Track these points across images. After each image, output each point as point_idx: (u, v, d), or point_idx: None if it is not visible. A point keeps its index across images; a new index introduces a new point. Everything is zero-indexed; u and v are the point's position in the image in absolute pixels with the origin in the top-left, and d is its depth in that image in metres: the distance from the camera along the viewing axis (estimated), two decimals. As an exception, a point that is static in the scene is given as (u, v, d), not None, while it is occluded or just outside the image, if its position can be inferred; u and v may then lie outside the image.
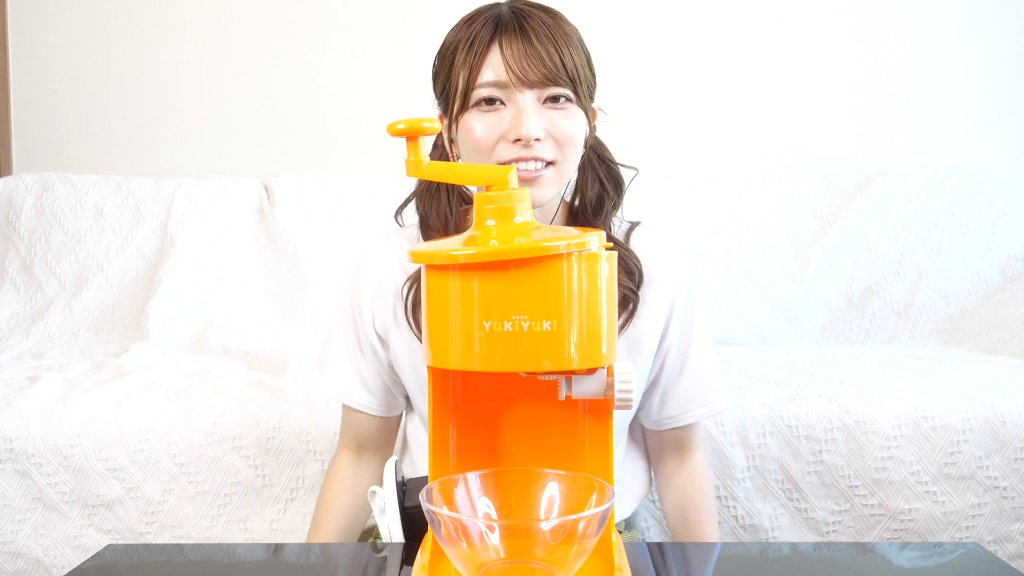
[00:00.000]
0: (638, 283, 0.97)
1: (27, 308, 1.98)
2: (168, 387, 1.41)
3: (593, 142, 1.01)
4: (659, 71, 2.28)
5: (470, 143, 0.91)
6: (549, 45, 0.89)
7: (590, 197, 0.99)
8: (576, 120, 0.91)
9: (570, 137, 0.91)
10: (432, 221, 0.99)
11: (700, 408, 1.04)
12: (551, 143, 0.90)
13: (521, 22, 0.90)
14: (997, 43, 2.29)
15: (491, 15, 0.92)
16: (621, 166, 1.03)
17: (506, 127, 0.89)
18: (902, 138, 2.29)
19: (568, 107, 0.91)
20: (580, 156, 0.95)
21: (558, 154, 0.91)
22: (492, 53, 0.89)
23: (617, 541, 0.73)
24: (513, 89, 0.89)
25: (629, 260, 0.98)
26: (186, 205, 2.07)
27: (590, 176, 1.00)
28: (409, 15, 2.30)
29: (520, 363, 0.61)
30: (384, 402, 1.05)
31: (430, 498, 0.64)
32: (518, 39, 0.89)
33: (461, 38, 0.92)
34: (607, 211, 1.00)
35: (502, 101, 0.90)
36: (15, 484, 1.30)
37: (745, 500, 1.30)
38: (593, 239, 0.62)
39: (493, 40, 0.89)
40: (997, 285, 1.96)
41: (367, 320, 1.01)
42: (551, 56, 0.88)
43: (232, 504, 1.32)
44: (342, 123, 2.31)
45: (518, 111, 0.88)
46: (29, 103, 2.35)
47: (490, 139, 0.90)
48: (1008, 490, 1.28)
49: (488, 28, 0.90)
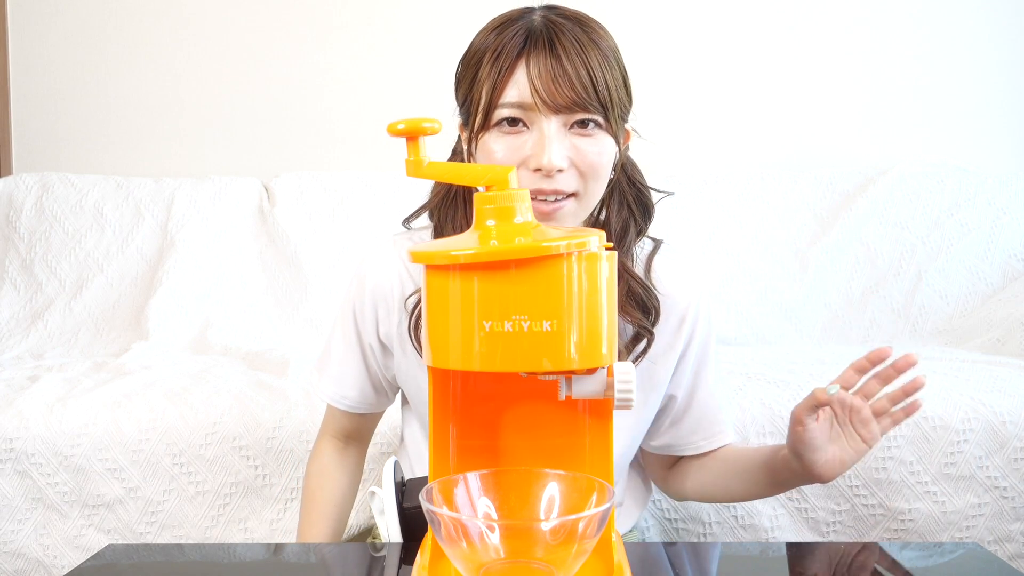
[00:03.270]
0: (653, 321, 0.92)
1: (27, 308, 1.98)
2: (168, 387, 1.41)
3: (625, 161, 0.95)
4: (659, 71, 2.28)
5: (489, 163, 0.85)
6: (580, 66, 0.82)
7: (615, 224, 0.93)
8: (603, 148, 0.85)
9: (595, 168, 0.85)
10: (447, 231, 0.94)
11: (703, 441, 1.02)
12: (574, 173, 0.84)
13: (552, 37, 0.83)
14: (997, 43, 2.28)
15: (522, 25, 0.85)
16: (654, 190, 0.97)
17: (527, 153, 0.83)
18: (902, 138, 2.29)
19: (596, 134, 0.84)
20: (605, 186, 0.89)
21: (580, 186, 0.85)
22: (518, 71, 0.83)
23: (617, 541, 0.73)
24: (538, 112, 0.82)
25: (648, 299, 0.92)
26: (186, 205, 2.07)
27: (617, 200, 0.94)
28: (409, 15, 2.30)
29: (520, 363, 0.61)
30: (377, 403, 1.05)
31: (430, 498, 0.64)
32: (547, 58, 0.82)
33: (488, 47, 0.85)
34: (631, 239, 0.94)
35: (525, 123, 0.84)
36: (15, 484, 1.30)
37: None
38: (593, 239, 0.62)
39: (520, 56, 0.83)
40: (997, 285, 1.96)
41: (368, 326, 0.99)
42: (581, 79, 0.81)
43: (232, 504, 1.32)
44: (342, 123, 2.31)
45: (541, 138, 0.82)
46: (29, 103, 2.35)
47: (509, 164, 0.82)
48: (1008, 490, 1.28)
49: (517, 41, 0.83)
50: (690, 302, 0.97)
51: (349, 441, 1.08)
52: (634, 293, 0.92)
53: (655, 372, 0.97)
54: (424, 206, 0.99)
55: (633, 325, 0.92)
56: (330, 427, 1.07)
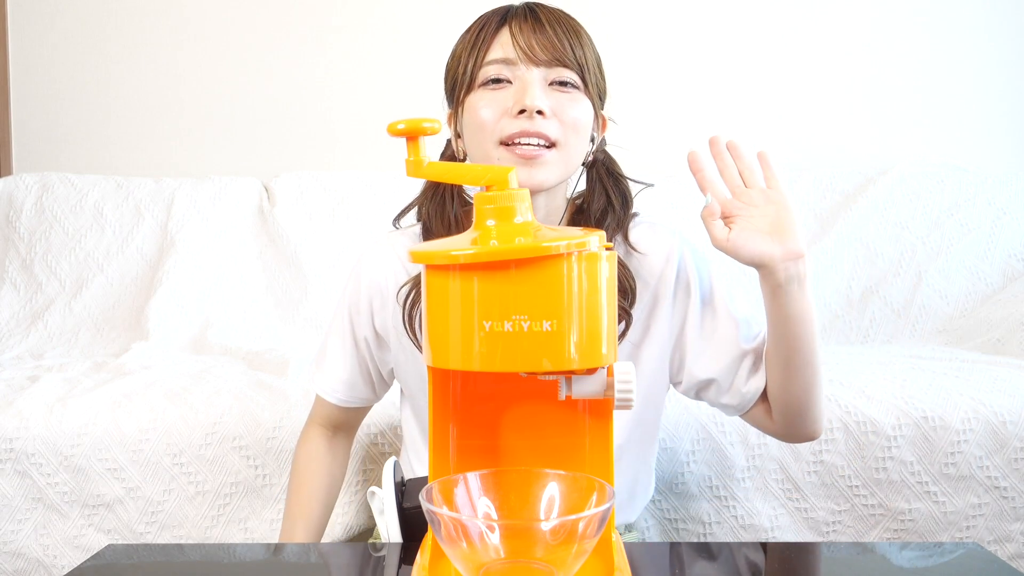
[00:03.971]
0: (631, 302, 0.94)
1: (27, 308, 1.98)
2: (168, 387, 1.41)
3: (602, 156, 0.99)
4: (659, 71, 2.28)
5: (474, 122, 0.90)
6: (559, 31, 0.89)
7: (595, 210, 0.97)
8: (583, 107, 0.90)
9: (575, 121, 0.89)
10: (435, 226, 0.97)
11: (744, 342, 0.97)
12: (556, 122, 0.89)
13: (533, 10, 0.91)
14: (997, 43, 2.29)
15: (502, 8, 0.93)
16: (632, 181, 1.00)
17: (510, 102, 0.88)
18: (902, 138, 2.29)
19: (575, 93, 0.90)
20: (584, 148, 0.93)
21: (561, 135, 0.89)
22: (501, 34, 0.90)
23: (617, 541, 0.73)
24: (520, 66, 0.88)
25: (624, 278, 0.94)
26: (186, 205, 2.07)
27: (597, 190, 0.97)
28: (409, 15, 2.30)
29: (520, 363, 0.61)
30: (366, 399, 1.08)
31: (430, 498, 0.64)
32: (528, 22, 0.90)
33: (472, 30, 0.93)
34: (609, 225, 0.97)
35: (509, 80, 0.89)
36: (15, 484, 1.30)
37: (745, 500, 1.30)
38: (593, 239, 0.62)
39: (503, 24, 0.90)
40: (997, 285, 1.96)
41: (364, 320, 1.01)
42: (560, 39, 0.89)
43: (232, 504, 1.32)
44: (342, 123, 2.31)
45: (523, 84, 0.88)
46: (29, 103, 2.35)
47: (494, 114, 0.88)
48: (1008, 490, 1.28)
49: (498, 15, 0.92)
50: (670, 250, 0.97)
51: (337, 431, 1.11)
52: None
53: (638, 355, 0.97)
54: (411, 204, 1.02)
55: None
56: (319, 416, 1.11)
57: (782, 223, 0.88)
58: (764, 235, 0.87)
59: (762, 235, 0.87)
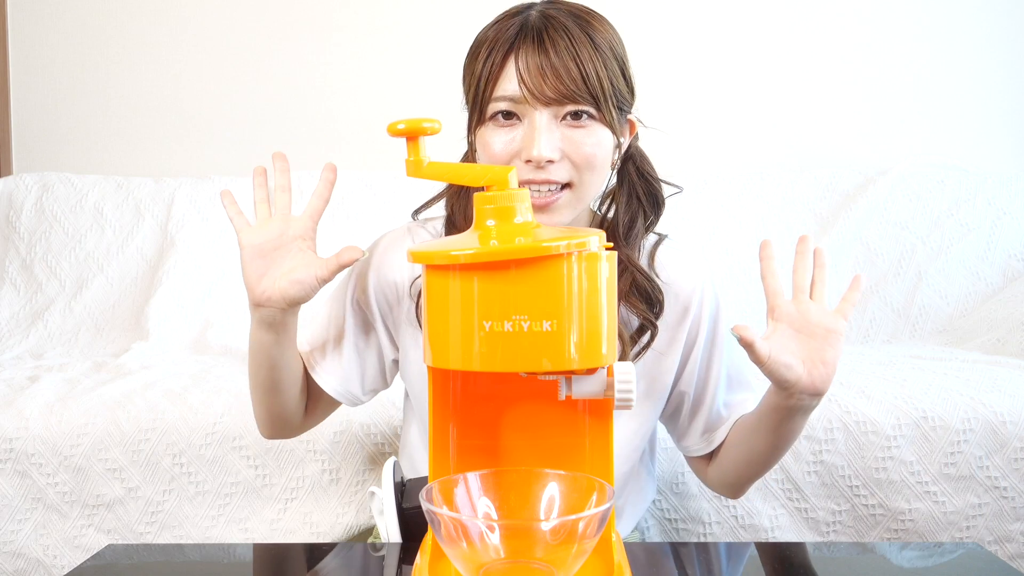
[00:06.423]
0: (657, 313, 0.92)
1: (27, 308, 1.98)
2: (168, 387, 1.41)
3: (634, 152, 0.95)
4: (659, 71, 2.28)
5: (486, 158, 0.87)
6: (569, 59, 0.82)
7: (623, 216, 0.93)
8: (598, 139, 0.85)
9: (589, 159, 0.85)
10: (458, 220, 0.95)
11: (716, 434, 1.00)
12: (567, 164, 0.85)
13: (543, 32, 0.84)
14: (997, 43, 2.28)
15: (518, 20, 0.86)
16: (664, 183, 0.96)
17: (519, 146, 0.84)
18: (902, 138, 2.29)
19: (590, 125, 0.85)
20: (604, 178, 0.90)
21: (575, 176, 0.85)
22: (508, 66, 0.84)
23: (617, 541, 0.73)
24: (528, 105, 0.83)
25: (651, 290, 0.92)
26: (186, 205, 2.07)
27: (627, 192, 0.94)
28: (410, 15, 2.30)
29: (520, 363, 0.61)
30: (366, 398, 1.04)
31: (430, 498, 0.64)
32: (535, 52, 0.83)
33: (486, 40, 0.87)
34: (638, 232, 0.94)
35: (518, 117, 0.85)
36: (15, 484, 1.30)
37: (745, 500, 1.29)
38: (593, 239, 0.62)
39: (510, 51, 0.84)
40: (997, 285, 1.95)
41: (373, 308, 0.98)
42: (569, 72, 0.82)
43: (232, 504, 1.32)
44: (343, 123, 2.31)
45: (531, 130, 0.83)
46: (29, 103, 2.35)
47: (504, 157, 0.85)
48: (1008, 490, 1.28)
49: (510, 35, 0.85)
50: (694, 289, 0.97)
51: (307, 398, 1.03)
52: (639, 285, 0.92)
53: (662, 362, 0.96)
54: (436, 197, 1.00)
55: (638, 317, 0.92)
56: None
57: (824, 358, 0.85)
58: (798, 360, 0.85)
59: (797, 359, 0.85)
